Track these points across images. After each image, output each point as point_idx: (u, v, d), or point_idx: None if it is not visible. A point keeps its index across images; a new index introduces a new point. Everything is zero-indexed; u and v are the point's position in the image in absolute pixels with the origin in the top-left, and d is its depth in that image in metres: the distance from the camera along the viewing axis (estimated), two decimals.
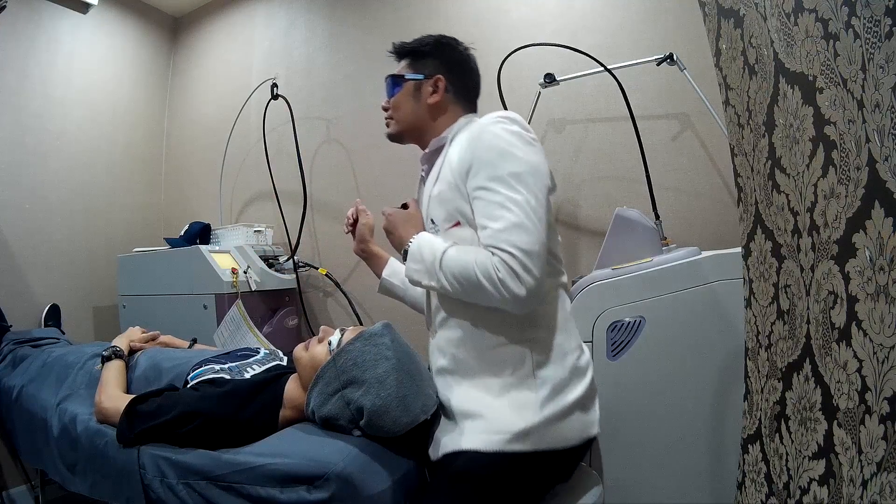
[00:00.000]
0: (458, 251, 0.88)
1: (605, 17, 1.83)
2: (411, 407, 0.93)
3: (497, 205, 0.84)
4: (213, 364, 1.20)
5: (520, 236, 0.81)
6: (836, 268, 0.65)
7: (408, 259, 0.95)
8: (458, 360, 0.94)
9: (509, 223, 0.82)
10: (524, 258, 0.80)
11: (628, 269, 1.20)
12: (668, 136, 1.72)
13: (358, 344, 0.97)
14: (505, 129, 0.90)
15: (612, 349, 1.18)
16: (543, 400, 0.87)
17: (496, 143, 0.88)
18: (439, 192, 0.96)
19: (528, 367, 0.89)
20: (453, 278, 0.86)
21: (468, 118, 1.04)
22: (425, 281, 0.92)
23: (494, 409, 0.88)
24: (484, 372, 0.92)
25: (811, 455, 0.70)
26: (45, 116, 2.38)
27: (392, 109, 1.08)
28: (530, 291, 0.81)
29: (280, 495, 0.86)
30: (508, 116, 0.92)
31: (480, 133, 0.91)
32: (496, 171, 0.86)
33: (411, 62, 1.07)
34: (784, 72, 0.73)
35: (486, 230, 0.85)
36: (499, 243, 0.82)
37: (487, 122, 0.92)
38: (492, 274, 0.81)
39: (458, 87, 1.05)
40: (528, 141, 0.90)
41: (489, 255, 0.82)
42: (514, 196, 0.84)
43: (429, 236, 0.95)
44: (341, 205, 2.38)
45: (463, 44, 1.09)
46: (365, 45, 2.35)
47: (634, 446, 1.16)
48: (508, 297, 0.81)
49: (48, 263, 2.31)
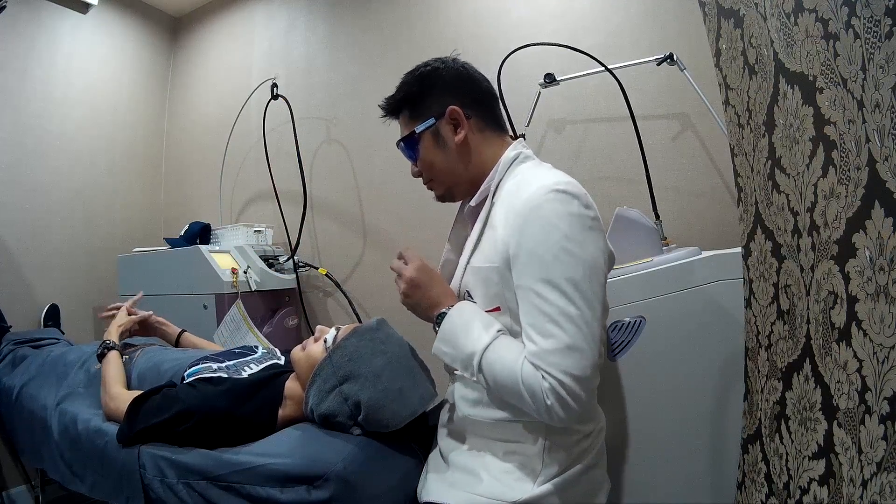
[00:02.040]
0: (500, 353, 0.77)
1: (605, 17, 1.83)
2: (409, 399, 0.93)
3: (547, 317, 0.74)
4: (210, 362, 1.20)
5: (572, 360, 0.72)
6: (836, 268, 0.65)
7: (437, 338, 0.84)
8: (467, 417, 0.89)
9: (562, 344, 0.72)
10: (575, 386, 0.72)
11: (628, 269, 1.20)
12: (668, 136, 1.72)
13: (353, 340, 0.97)
14: (562, 211, 0.76)
15: (612, 349, 1.18)
16: (545, 478, 0.82)
17: (551, 234, 0.75)
18: (479, 268, 0.85)
19: (539, 447, 0.82)
20: (493, 382, 0.78)
21: (512, 154, 0.90)
22: (457, 368, 0.83)
23: (492, 473, 0.83)
24: (490, 434, 0.86)
25: (811, 455, 0.70)
26: (45, 116, 2.38)
27: (425, 172, 0.94)
28: (575, 416, 0.74)
29: (280, 495, 0.86)
30: (567, 191, 0.77)
31: (532, 213, 0.77)
32: (549, 274, 0.74)
33: (411, 113, 0.93)
34: (784, 72, 0.73)
35: (535, 345, 0.74)
36: (549, 368, 0.72)
37: (540, 194, 0.77)
38: (539, 399, 0.73)
39: (476, 109, 0.91)
40: (588, 225, 0.77)
41: (538, 377, 0.73)
42: (568, 309, 0.73)
43: (465, 316, 0.82)
44: (341, 205, 2.38)
45: (447, 59, 0.94)
46: (365, 45, 2.35)
47: (634, 446, 1.16)
48: (551, 420, 0.74)
49: (48, 263, 2.31)
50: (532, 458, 0.83)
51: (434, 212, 2.15)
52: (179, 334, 1.56)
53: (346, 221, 2.37)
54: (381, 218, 2.27)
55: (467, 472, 0.86)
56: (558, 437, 0.83)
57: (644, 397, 1.16)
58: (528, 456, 0.83)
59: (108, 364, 1.26)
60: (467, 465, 0.87)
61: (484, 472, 0.84)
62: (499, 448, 0.85)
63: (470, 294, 0.87)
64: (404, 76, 0.96)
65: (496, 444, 0.86)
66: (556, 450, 0.83)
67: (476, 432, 0.89)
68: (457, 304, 0.85)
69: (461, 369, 0.82)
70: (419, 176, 0.97)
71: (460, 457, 0.89)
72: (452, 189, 0.95)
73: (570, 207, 0.77)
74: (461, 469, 0.87)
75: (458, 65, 0.94)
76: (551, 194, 0.77)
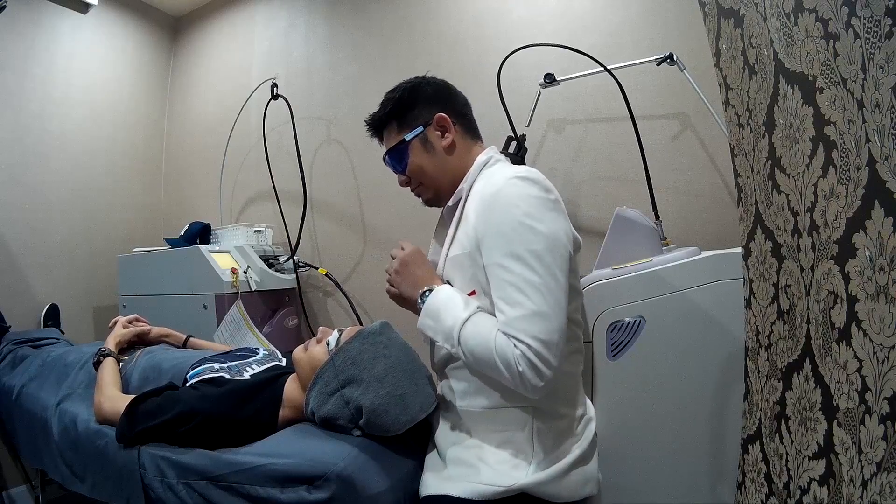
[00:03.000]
0: (478, 325, 0.83)
1: (605, 17, 1.83)
2: (410, 405, 0.93)
3: (514, 287, 0.80)
4: (212, 363, 1.20)
5: (539, 325, 0.77)
6: (836, 268, 0.65)
7: (422, 312, 0.90)
8: (459, 410, 0.93)
9: (527, 311, 0.78)
10: (543, 350, 0.77)
11: (628, 269, 1.20)
12: (668, 136, 1.72)
13: (356, 343, 0.97)
14: (522, 193, 0.83)
15: (612, 349, 1.18)
16: (538, 464, 0.86)
17: (512, 213, 0.82)
18: (455, 256, 0.92)
19: (528, 431, 0.87)
20: (470, 353, 0.83)
21: (484, 158, 0.97)
22: (438, 340, 0.88)
23: (488, 463, 0.87)
24: (483, 425, 0.90)
25: (811, 455, 0.70)
26: (45, 116, 2.38)
27: (414, 178, 1.01)
28: (547, 382, 0.78)
29: (280, 495, 0.86)
30: (527, 176, 0.85)
31: (495, 197, 0.84)
32: (512, 248, 0.81)
33: (399, 124, 1.00)
34: (784, 72, 0.73)
35: (504, 315, 0.80)
36: (517, 333, 0.78)
37: (503, 181, 0.85)
38: (512, 366, 0.78)
39: (458, 117, 0.99)
40: (548, 205, 0.84)
41: (510, 345, 0.78)
42: (531, 278, 0.79)
43: (448, 293, 0.89)
44: (341, 205, 2.38)
45: (427, 76, 1.03)
46: (365, 45, 2.35)
47: (634, 446, 1.16)
48: (525, 388, 0.79)
49: (48, 263, 2.32)
50: (523, 444, 0.87)
51: (434, 212, 2.15)
52: (185, 341, 1.56)
53: (346, 221, 2.37)
54: (381, 218, 2.27)
55: (465, 465, 0.88)
56: (546, 420, 0.88)
57: (644, 397, 1.16)
58: (519, 442, 0.87)
59: (103, 369, 1.27)
60: (464, 459, 0.89)
61: (481, 463, 0.87)
62: (493, 439, 0.89)
63: (450, 283, 0.93)
64: (387, 94, 1.03)
65: (489, 434, 0.89)
66: (546, 433, 0.88)
67: (469, 425, 0.92)
68: (441, 285, 0.92)
69: (442, 341, 0.87)
70: (406, 185, 1.04)
71: (457, 452, 0.91)
72: (439, 192, 1.01)
73: (530, 190, 0.84)
74: (458, 463, 0.89)
75: (436, 80, 1.03)
76: (512, 180, 0.85)
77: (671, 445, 1.14)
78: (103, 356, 1.32)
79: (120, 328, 1.48)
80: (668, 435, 1.14)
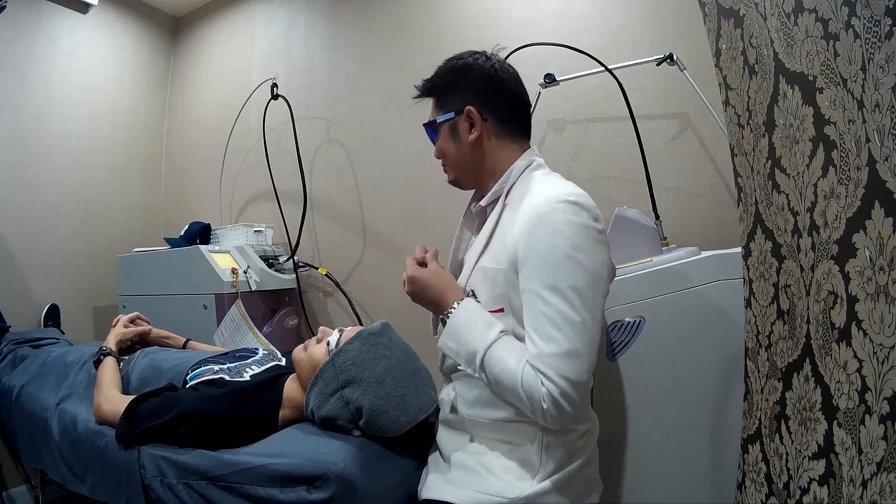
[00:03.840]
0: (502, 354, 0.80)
1: (605, 17, 1.83)
2: (410, 406, 0.93)
3: (550, 321, 0.76)
4: (212, 364, 1.20)
5: (570, 365, 0.75)
6: (836, 268, 0.65)
7: (445, 333, 0.87)
8: (466, 417, 0.91)
9: (561, 349, 0.75)
10: (571, 390, 0.75)
11: (628, 269, 1.20)
12: (668, 136, 1.72)
13: (356, 343, 0.97)
14: (570, 220, 0.79)
15: (612, 349, 1.18)
16: (544, 475, 0.84)
17: (558, 242, 0.78)
18: (487, 269, 0.87)
19: (537, 445, 0.85)
20: (494, 380, 0.80)
21: (523, 163, 0.92)
22: (460, 363, 0.85)
23: (493, 471, 0.85)
24: (491, 435, 0.88)
25: (811, 455, 0.70)
26: (45, 116, 2.38)
27: (441, 156, 0.99)
28: (568, 419, 0.77)
29: (280, 495, 0.86)
30: (577, 202, 0.80)
31: (542, 219, 0.79)
32: (554, 280, 0.77)
33: (438, 101, 0.97)
34: (784, 72, 0.73)
35: (536, 347, 0.77)
36: (547, 370, 0.75)
37: (550, 203, 0.80)
38: (536, 401, 0.76)
39: (497, 115, 0.93)
40: (595, 236, 0.80)
41: (538, 381, 0.76)
42: (569, 314, 0.76)
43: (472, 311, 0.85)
44: (341, 205, 2.38)
45: (490, 56, 0.95)
46: (365, 45, 2.35)
47: (634, 446, 1.16)
48: (545, 421, 0.78)
49: (48, 263, 2.32)
50: (531, 457, 0.85)
51: (434, 212, 2.16)
52: (185, 344, 1.56)
53: (346, 221, 2.37)
54: (381, 218, 2.27)
55: (469, 471, 0.87)
56: (555, 435, 0.85)
57: (644, 397, 1.16)
58: (527, 455, 0.85)
59: (104, 369, 1.26)
60: (469, 464, 0.88)
61: (485, 470, 0.86)
62: (499, 448, 0.87)
63: (475, 293, 0.89)
64: (444, 62, 0.98)
65: (497, 444, 0.88)
66: (555, 447, 0.85)
67: (476, 432, 0.90)
68: (463, 302, 0.87)
69: (464, 365, 0.85)
70: (439, 157, 1.00)
71: (462, 456, 0.90)
72: (460, 180, 0.99)
73: (580, 218, 0.80)
74: (463, 468, 0.88)
75: (491, 65, 0.94)
76: (562, 204, 0.80)
77: (671, 445, 1.14)
78: (104, 355, 1.32)
79: (121, 327, 1.48)
80: (668, 435, 1.14)
